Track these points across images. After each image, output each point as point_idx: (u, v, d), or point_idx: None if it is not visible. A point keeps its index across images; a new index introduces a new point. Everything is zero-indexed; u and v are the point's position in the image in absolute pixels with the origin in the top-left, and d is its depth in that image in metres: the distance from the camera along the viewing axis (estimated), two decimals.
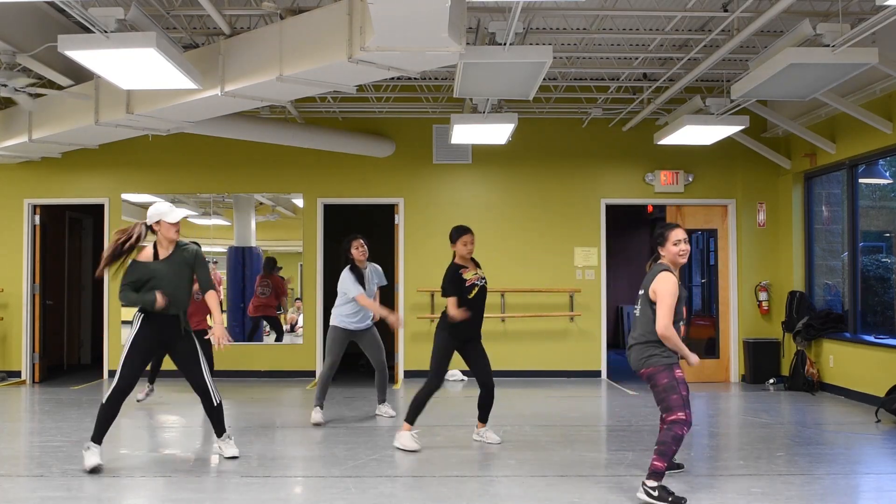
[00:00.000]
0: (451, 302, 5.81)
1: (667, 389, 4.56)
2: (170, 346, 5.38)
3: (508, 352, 9.87)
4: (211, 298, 5.39)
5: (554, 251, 10.01)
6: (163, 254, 5.33)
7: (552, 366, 9.94)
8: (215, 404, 5.40)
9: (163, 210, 5.32)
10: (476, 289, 5.94)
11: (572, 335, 10.00)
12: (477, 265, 6.08)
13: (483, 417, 6.11)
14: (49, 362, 10.32)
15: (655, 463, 4.51)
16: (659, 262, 4.74)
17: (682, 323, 4.81)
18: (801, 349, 9.01)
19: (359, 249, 6.87)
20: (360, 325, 6.97)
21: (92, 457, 5.12)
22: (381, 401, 7.24)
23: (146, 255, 5.33)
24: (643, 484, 4.52)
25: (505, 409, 7.50)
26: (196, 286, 5.59)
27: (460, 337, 5.92)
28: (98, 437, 5.20)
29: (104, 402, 5.20)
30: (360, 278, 6.80)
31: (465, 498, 4.59)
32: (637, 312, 4.76)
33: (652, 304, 4.64)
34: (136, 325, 5.27)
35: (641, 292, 4.73)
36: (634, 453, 5.71)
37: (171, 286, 5.24)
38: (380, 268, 7.18)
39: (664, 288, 4.56)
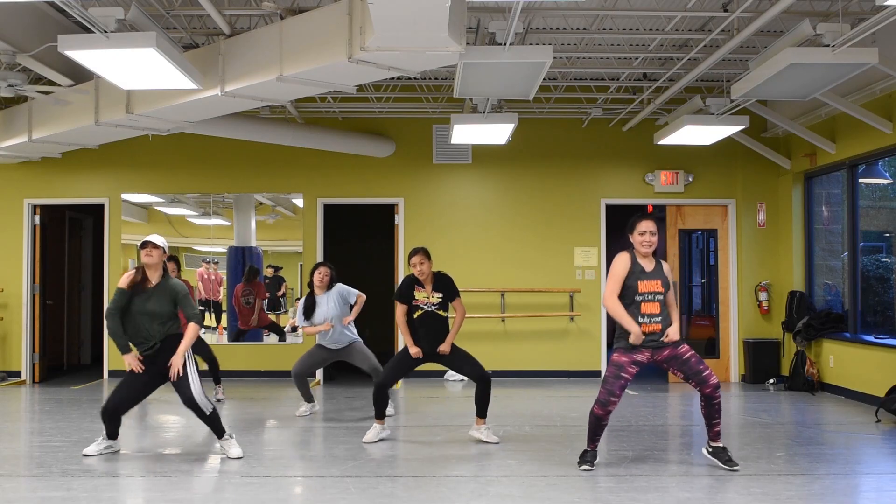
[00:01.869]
0: (396, 306, 6.10)
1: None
2: (164, 372, 5.42)
3: (508, 352, 9.88)
4: (191, 329, 5.38)
5: (554, 251, 10.01)
6: (151, 282, 5.44)
7: (552, 366, 9.94)
8: (207, 414, 5.40)
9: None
10: (420, 311, 6.00)
11: (572, 335, 10.00)
12: (442, 287, 6.02)
13: (480, 413, 6.04)
14: (49, 362, 10.31)
15: None
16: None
17: (639, 298, 5.01)
18: (801, 349, 9.01)
19: (318, 276, 6.99)
20: (333, 345, 7.03)
21: (93, 445, 5.57)
22: None
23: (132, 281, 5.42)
24: None
25: (505, 409, 7.50)
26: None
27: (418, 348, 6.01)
28: (107, 434, 5.58)
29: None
30: (309, 307, 6.97)
31: (465, 498, 4.59)
32: None
33: None
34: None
35: None
36: (634, 453, 5.71)
37: (148, 313, 5.36)
38: (345, 287, 7.07)
39: (612, 267, 5.10)
